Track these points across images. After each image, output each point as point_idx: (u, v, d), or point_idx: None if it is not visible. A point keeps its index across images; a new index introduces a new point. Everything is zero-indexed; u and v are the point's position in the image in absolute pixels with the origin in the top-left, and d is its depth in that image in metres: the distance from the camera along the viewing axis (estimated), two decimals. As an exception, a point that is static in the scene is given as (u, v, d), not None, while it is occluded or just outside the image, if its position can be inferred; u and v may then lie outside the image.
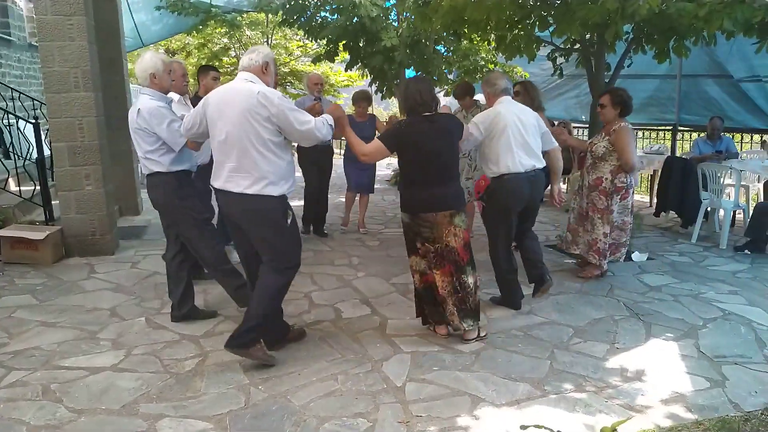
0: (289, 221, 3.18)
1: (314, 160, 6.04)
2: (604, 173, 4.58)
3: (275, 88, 3.33)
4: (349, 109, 6.11)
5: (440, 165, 3.40)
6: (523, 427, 1.48)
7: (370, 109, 6.43)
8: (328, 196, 6.53)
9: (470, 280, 3.50)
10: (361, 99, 6.10)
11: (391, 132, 3.52)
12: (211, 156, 4.79)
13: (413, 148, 3.39)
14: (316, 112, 3.86)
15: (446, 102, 15.18)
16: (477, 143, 3.96)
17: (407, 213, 3.49)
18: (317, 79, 6.10)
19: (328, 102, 6.02)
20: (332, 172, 6.48)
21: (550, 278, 4.23)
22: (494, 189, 3.98)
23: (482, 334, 3.58)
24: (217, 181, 3.21)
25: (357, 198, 6.60)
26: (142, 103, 3.65)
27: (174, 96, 4.38)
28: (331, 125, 3.28)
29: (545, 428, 1.42)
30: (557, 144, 4.25)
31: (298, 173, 4.14)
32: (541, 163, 4.01)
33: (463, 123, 3.69)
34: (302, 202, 6.28)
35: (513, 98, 4.11)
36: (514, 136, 3.85)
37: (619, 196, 4.60)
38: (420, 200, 3.42)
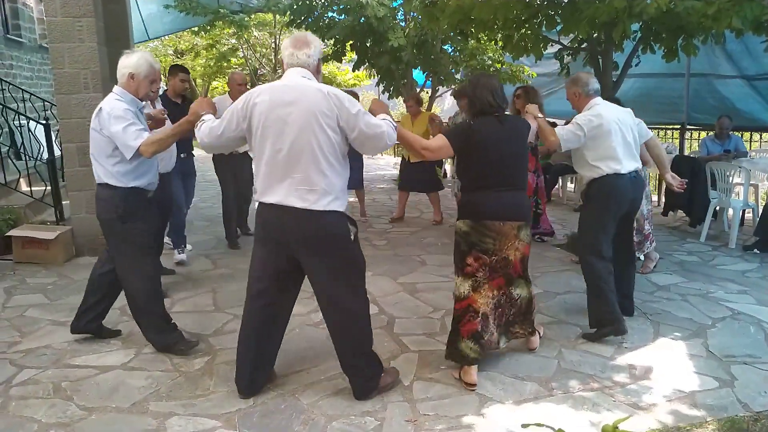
0: (352, 236, 2.80)
1: (232, 166, 5.57)
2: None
3: None
4: None
5: (511, 170, 3.11)
6: (524, 426, 1.47)
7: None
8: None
9: (519, 292, 3.24)
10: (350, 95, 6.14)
11: (460, 130, 3.21)
12: (176, 165, 4.51)
13: (483, 150, 3.05)
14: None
15: (449, 103, 15.10)
16: (577, 145, 3.66)
17: (469, 220, 3.10)
18: (241, 78, 5.64)
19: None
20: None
21: (622, 327, 3.54)
22: (596, 190, 3.68)
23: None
24: (273, 196, 2.67)
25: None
26: (107, 102, 3.21)
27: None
28: (395, 126, 2.85)
29: (546, 426, 1.42)
30: (651, 133, 4.06)
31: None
32: (639, 164, 3.79)
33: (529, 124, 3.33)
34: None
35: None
36: (617, 138, 3.64)
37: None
38: (487, 206, 3.08)
